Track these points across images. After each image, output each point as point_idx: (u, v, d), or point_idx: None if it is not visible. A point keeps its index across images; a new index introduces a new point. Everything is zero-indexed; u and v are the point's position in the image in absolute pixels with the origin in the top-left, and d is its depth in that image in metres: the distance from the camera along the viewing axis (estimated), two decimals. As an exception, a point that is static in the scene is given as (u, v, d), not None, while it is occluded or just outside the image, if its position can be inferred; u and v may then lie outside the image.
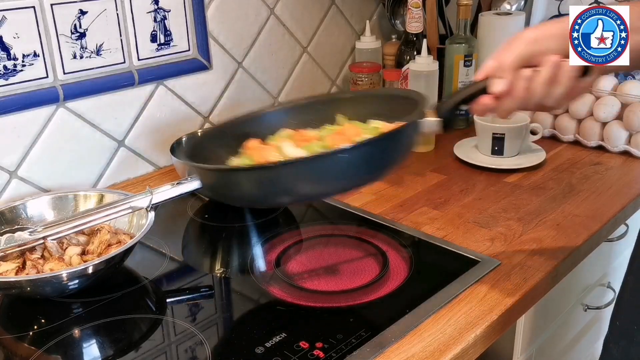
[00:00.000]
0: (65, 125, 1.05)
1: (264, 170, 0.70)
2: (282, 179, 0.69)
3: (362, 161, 0.69)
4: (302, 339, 0.71)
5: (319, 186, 0.70)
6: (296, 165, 0.69)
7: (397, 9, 1.50)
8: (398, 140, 0.73)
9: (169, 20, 1.13)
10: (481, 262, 0.85)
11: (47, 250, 0.82)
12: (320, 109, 0.88)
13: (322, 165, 0.68)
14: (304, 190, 0.70)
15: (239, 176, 0.72)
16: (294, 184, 0.69)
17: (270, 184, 0.70)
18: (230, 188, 0.74)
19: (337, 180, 0.70)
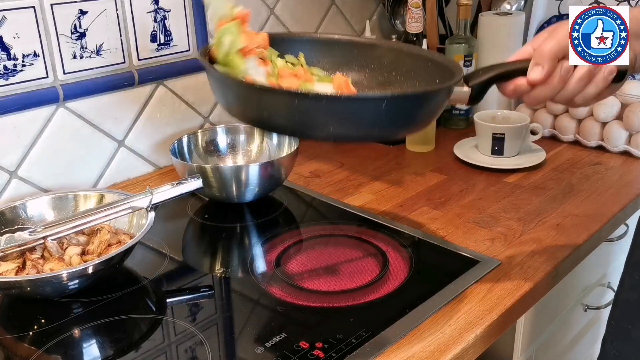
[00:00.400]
0: (65, 125, 1.05)
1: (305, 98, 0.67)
2: (316, 112, 0.66)
3: (394, 112, 0.67)
4: (302, 339, 0.71)
5: (348, 127, 0.68)
6: (335, 101, 0.67)
7: (397, 9, 1.50)
8: (431, 100, 0.70)
9: (169, 20, 1.13)
10: (481, 262, 0.85)
11: (47, 250, 0.82)
12: (340, 52, 0.85)
13: (359, 106, 0.66)
14: (332, 128, 0.68)
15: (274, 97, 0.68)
16: (325, 119, 0.67)
17: (304, 113, 0.67)
18: (261, 108, 0.69)
19: (365, 126, 0.68)
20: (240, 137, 1.17)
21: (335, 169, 1.19)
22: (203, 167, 0.98)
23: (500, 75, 0.70)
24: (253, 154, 1.16)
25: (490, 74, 0.70)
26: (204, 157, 1.14)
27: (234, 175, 0.99)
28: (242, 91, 0.70)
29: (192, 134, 1.13)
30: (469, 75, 0.72)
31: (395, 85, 0.82)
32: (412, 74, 0.81)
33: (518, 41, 1.36)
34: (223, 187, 1.00)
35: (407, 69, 0.81)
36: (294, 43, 0.84)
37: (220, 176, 0.99)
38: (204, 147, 1.14)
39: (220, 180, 0.99)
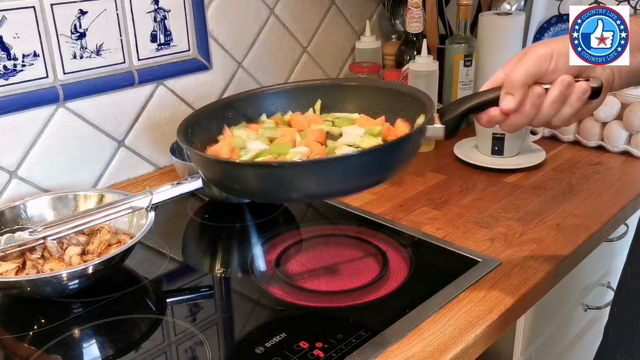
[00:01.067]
0: (65, 125, 1.05)
1: (270, 168, 0.69)
2: (286, 178, 0.69)
3: (369, 165, 0.69)
4: (302, 339, 0.71)
5: (322, 187, 0.70)
6: (302, 167, 0.69)
7: (397, 9, 1.50)
8: (405, 146, 0.72)
9: (169, 20, 1.13)
10: (481, 262, 0.85)
11: (47, 250, 0.82)
12: (324, 94, 0.88)
13: (328, 167, 0.68)
14: (306, 190, 0.70)
15: (243, 171, 0.71)
16: (297, 184, 0.69)
17: (274, 181, 0.69)
18: (233, 181, 0.73)
19: (341, 182, 0.70)
20: (240, 137, 1.16)
21: (335, 169, 1.19)
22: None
23: (473, 107, 0.71)
24: (253, 154, 1.16)
25: (463, 107, 0.71)
26: (204, 157, 1.14)
27: (234, 175, 0.99)
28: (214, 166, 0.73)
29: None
30: (442, 111, 0.73)
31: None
32: (390, 110, 0.83)
33: (518, 41, 1.36)
34: (223, 187, 1.00)
35: (385, 104, 0.84)
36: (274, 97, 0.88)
37: (220, 176, 0.99)
38: (204, 147, 1.14)
39: (220, 180, 0.99)
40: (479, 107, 0.70)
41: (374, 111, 0.84)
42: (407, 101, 0.81)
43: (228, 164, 0.72)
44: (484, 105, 0.70)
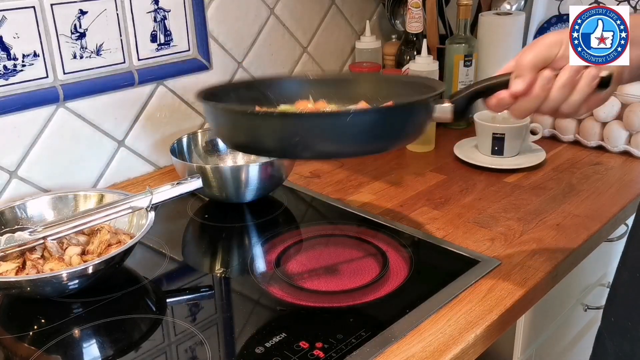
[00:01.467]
0: (65, 125, 1.05)
1: (287, 118, 0.71)
2: (300, 130, 0.69)
3: (374, 126, 0.69)
4: (302, 339, 0.71)
5: (330, 143, 0.70)
6: (314, 118, 0.70)
7: (397, 9, 1.50)
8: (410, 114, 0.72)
9: (169, 20, 1.13)
10: (481, 262, 0.85)
11: (47, 250, 0.82)
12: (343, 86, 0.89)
13: (338, 122, 0.69)
14: (314, 145, 0.70)
15: (261, 121, 0.71)
16: (308, 135, 0.69)
17: (290, 133, 0.69)
18: (250, 133, 0.73)
19: (349, 141, 0.70)
20: (240, 137, 1.16)
21: (335, 169, 1.19)
22: (203, 167, 0.98)
23: (482, 89, 0.71)
24: (253, 154, 1.16)
25: (472, 90, 0.71)
26: (204, 157, 1.14)
27: (234, 175, 0.99)
28: (232, 118, 0.74)
29: (192, 134, 1.13)
30: (453, 93, 0.73)
31: None
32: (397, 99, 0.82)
33: (518, 41, 1.36)
34: (223, 187, 1.00)
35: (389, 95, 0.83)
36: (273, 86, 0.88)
37: (220, 176, 0.99)
38: (204, 147, 1.14)
39: (220, 180, 0.99)
40: (488, 89, 0.70)
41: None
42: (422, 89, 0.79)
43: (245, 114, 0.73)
44: (493, 88, 0.69)
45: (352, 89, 0.88)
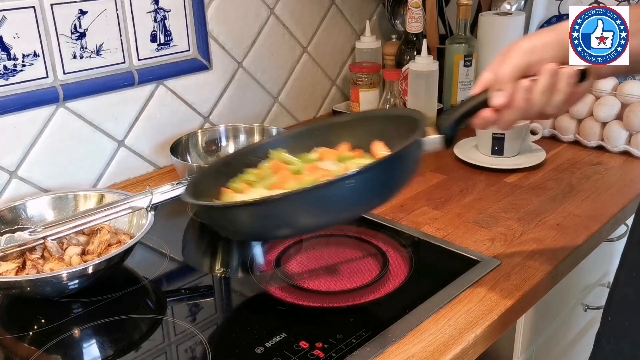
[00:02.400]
0: (65, 125, 1.05)
1: (260, 205, 0.66)
2: (280, 213, 0.66)
3: (367, 186, 0.67)
4: (302, 339, 0.71)
5: (323, 216, 0.67)
6: (296, 197, 0.65)
7: (397, 9, 1.50)
8: (402, 162, 0.70)
9: (169, 20, 1.13)
10: (481, 262, 0.85)
11: (47, 250, 0.82)
12: (319, 135, 0.87)
13: (324, 194, 0.65)
14: (306, 222, 0.67)
15: (233, 212, 0.69)
16: (294, 216, 0.66)
17: (269, 218, 0.66)
18: (229, 223, 0.72)
19: (342, 209, 0.67)
20: (240, 137, 1.17)
21: (335, 169, 1.19)
22: (203, 167, 0.98)
23: (466, 112, 0.71)
24: (253, 154, 1.16)
25: (456, 115, 0.72)
26: (204, 157, 1.14)
27: (234, 175, 0.99)
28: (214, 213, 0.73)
29: (192, 134, 1.13)
30: (438, 123, 0.73)
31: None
32: (384, 136, 0.81)
33: (518, 41, 1.36)
34: (223, 187, 1.00)
35: (378, 132, 0.82)
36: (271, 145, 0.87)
37: (220, 176, 0.99)
38: (204, 147, 1.14)
39: (220, 180, 0.99)
40: (472, 111, 0.70)
41: (367, 142, 0.81)
42: (399, 123, 0.79)
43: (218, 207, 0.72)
44: (476, 108, 0.70)
45: (331, 136, 0.86)
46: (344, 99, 1.50)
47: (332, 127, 0.88)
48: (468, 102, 0.71)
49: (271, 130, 1.15)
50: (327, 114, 1.46)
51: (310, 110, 1.46)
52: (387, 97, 1.31)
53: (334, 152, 0.82)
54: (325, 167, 0.78)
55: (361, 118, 0.89)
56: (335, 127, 0.88)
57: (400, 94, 1.32)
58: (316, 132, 0.88)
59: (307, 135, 0.88)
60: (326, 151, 0.83)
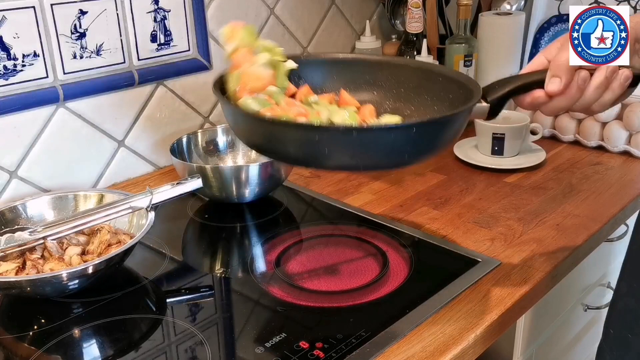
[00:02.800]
0: (65, 125, 1.05)
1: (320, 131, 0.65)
2: (333, 145, 0.65)
3: (417, 139, 0.66)
4: (302, 339, 0.71)
5: (366, 158, 0.66)
6: (351, 133, 0.65)
7: (397, 9, 1.50)
8: (457, 121, 0.69)
9: (169, 20, 1.13)
10: (481, 262, 0.85)
11: (47, 250, 0.82)
12: (369, 72, 0.83)
13: (376, 137, 0.64)
14: (350, 160, 0.66)
15: (284, 130, 0.66)
16: (343, 151, 0.65)
17: (322, 146, 0.65)
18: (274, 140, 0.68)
19: (385, 155, 0.66)
20: (240, 137, 1.16)
21: (335, 169, 1.19)
22: (203, 167, 0.98)
23: (517, 88, 0.70)
24: (253, 154, 1.16)
25: (508, 87, 0.70)
26: (204, 157, 1.14)
27: (234, 175, 0.99)
28: (267, 127, 0.67)
29: (192, 134, 1.13)
30: (486, 90, 0.71)
31: (408, 103, 0.80)
32: (422, 90, 0.80)
33: (518, 41, 1.36)
34: (223, 187, 1.00)
35: (415, 85, 0.80)
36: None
37: (220, 176, 0.99)
38: (204, 147, 1.14)
39: (220, 180, 0.99)
40: (523, 88, 0.69)
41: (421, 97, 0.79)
42: (454, 87, 0.76)
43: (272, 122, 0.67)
44: (528, 87, 0.69)
45: (380, 76, 0.82)
46: (344, 99, 1.50)
47: (385, 66, 0.83)
48: (521, 79, 0.70)
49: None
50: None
51: (310, 110, 1.46)
52: (387, 97, 1.31)
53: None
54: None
55: (417, 67, 0.83)
56: (389, 67, 0.83)
57: (400, 94, 1.32)
58: (367, 68, 0.83)
59: (357, 66, 0.84)
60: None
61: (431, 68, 0.82)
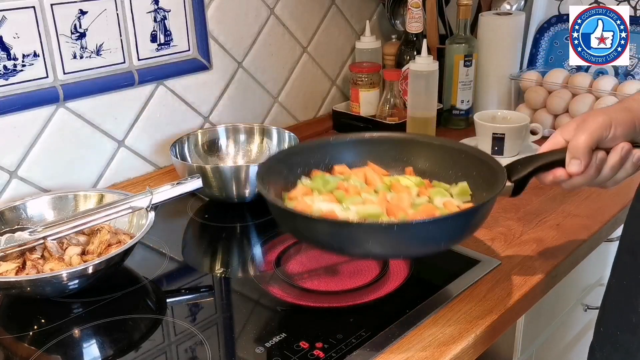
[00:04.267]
0: (65, 125, 1.05)
1: (339, 226, 0.71)
2: (357, 238, 0.70)
3: (446, 231, 0.71)
4: (302, 339, 0.71)
5: (394, 249, 0.71)
6: (376, 228, 0.69)
7: (397, 9, 1.50)
8: (484, 210, 0.74)
9: (169, 20, 1.13)
10: (481, 262, 0.85)
11: (47, 250, 0.82)
12: (395, 149, 0.89)
13: (404, 233, 0.69)
14: (377, 250, 0.71)
15: (312, 223, 0.72)
16: (369, 244, 0.70)
17: (344, 238, 0.70)
18: (305, 231, 0.74)
19: (412, 247, 0.71)
20: (240, 137, 1.17)
21: (335, 169, 1.19)
22: (203, 167, 0.98)
23: (539, 167, 0.75)
24: (253, 154, 1.16)
25: (530, 168, 0.75)
26: (204, 157, 1.14)
27: (234, 175, 0.99)
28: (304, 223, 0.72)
29: (192, 134, 1.13)
30: (510, 170, 0.77)
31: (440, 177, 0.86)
32: (448, 165, 0.86)
33: (518, 41, 1.36)
34: (223, 187, 1.00)
35: (445, 162, 0.86)
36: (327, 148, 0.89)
37: (220, 176, 0.99)
38: (204, 147, 1.14)
39: (220, 180, 0.99)
40: (545, 167, 0.75)
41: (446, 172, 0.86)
42: (478, 165, 0.82)
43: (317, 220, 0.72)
44: (549, 166, 0.74)
45: (404, 153, 0.89)
46: (344, 99, 1.50)
47: (411, 145, 0.90)
48: (542, 158, 0.75)
49: (271, 130, 1.15)
50: (327, 114, 1.46)
51: (310, 110, 1.46)
52: (387, 97, 1.31)
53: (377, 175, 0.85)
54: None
55: (441, 145, 0.89)
56: (414, 145, 0.90)
57: (400, 94, 1.32)
58: (394, 145, 0.90)
59: (384, 144, 0.90)
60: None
61: (453, 146, 0.88)
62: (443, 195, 0.81)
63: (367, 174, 0.85)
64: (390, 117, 1.31)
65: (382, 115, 1.33)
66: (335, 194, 0.79)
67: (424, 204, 0.78)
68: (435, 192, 0.81)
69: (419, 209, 0.76)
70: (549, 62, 1.39)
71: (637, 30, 1.16)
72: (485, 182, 0.79)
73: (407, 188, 0.82)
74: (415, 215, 0.75)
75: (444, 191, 0.82)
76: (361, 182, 0.83)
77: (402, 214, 0.75)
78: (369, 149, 0.89)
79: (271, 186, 0.79)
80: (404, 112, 1.30)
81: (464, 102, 1.37)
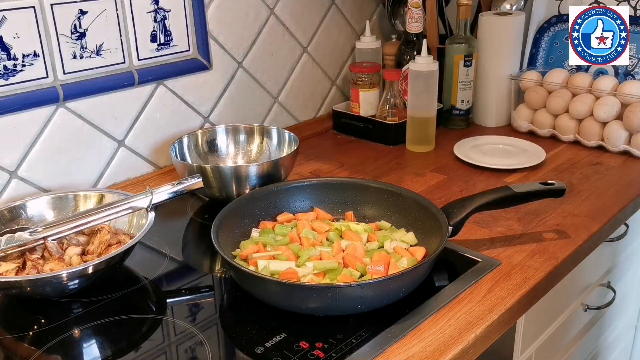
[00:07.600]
0: (65, 125, 1.05)
1: (286, 285, 0.74)
2: (302, 296, 0.73)
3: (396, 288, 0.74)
4: (302, 339, 0.71)
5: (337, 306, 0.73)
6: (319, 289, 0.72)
7: (397, 9, 1.50)
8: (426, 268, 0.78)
9: (169, 20, 1.13)
10: (481, 262, 0.85)
11: (47, 251, 0.82)
12: (347, 194, 0.96)
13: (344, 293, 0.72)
14: (322, 307, 0.74)
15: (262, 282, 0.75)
16: (313, 301, 0.73)
17: (299, 298, 0.73)
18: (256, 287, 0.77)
19: (360, 303, 0.73)
20: (240, 137, 1.17)
21: (335, 169, 1.19)
22: (203, 167, 0.98)
23: (475, 209, 0.83)
24: (253, 154, 1.16)
25: (466, 211, 0.84)
26: (204, 157, 1.14)
27: (234, 175, 0.99)
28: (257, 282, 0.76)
29: (192, 134, 1.13)
30: (446, 214, 0.83)
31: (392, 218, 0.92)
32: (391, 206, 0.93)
33: (518, 41, 1.36)
34: (223, 187, 1.00)
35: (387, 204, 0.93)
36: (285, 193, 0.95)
37: (220, 176, 0.99)
38: (204, 147, 1.14)
39: (220, 180, 0.99)
40: (480, 208, 0.79)
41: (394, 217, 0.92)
42: (424, 215, 0.87)
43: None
44: (485, 207, 0.79)
45: (345, 196, 0.95)
46: (344, 99, 1.50)
47: (362, 190, 0.96)
48: (476, 200, 0.85)
49: (271, 130, 1.15)
50: (327, 114, 1.46)
51: (310, 110, 1.46)
52: (387, 97, 1.31)
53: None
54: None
55: (391, 192, 0.94)
56: (365, 190, 0.96)
57: (400, 94, 1.32)
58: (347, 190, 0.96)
59: (337, 189, 0.96)
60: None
61: (391, 189, 0.94)
62: (391, 240, 0.86)
63: (314, 221, 0.90)
64: (390, 117, 1.31)
65: (382, 115, 1.33)
66: (290, 248, 0.83)
67: (377, 251, 0.83)
68: (383, 237, 0.86)
69: (374, 257, 0.81)
70: (549, 62, 1.39)
71: (637, 30, 1.16)
72: (424, 224, 0.87)
73: (357, 234, 0.87)
74: (372, 264, 0.79)
75: (390, 235, 0.87)
76: (313, 232, 0.87)
77: (359, 263, 0.79)
78: (312, 195, 0.95)
79: (228, 240, 0.85)
80: (404, 112, 1.30)
81: (464, 102, 1.37)
